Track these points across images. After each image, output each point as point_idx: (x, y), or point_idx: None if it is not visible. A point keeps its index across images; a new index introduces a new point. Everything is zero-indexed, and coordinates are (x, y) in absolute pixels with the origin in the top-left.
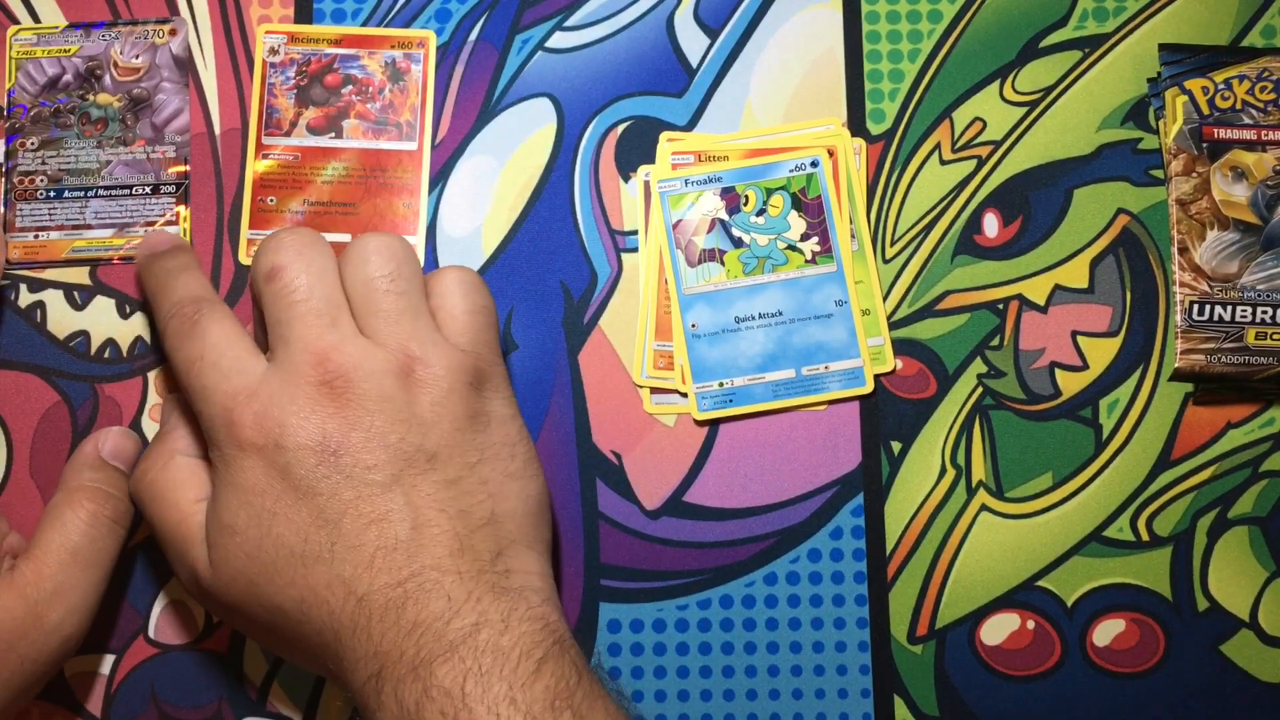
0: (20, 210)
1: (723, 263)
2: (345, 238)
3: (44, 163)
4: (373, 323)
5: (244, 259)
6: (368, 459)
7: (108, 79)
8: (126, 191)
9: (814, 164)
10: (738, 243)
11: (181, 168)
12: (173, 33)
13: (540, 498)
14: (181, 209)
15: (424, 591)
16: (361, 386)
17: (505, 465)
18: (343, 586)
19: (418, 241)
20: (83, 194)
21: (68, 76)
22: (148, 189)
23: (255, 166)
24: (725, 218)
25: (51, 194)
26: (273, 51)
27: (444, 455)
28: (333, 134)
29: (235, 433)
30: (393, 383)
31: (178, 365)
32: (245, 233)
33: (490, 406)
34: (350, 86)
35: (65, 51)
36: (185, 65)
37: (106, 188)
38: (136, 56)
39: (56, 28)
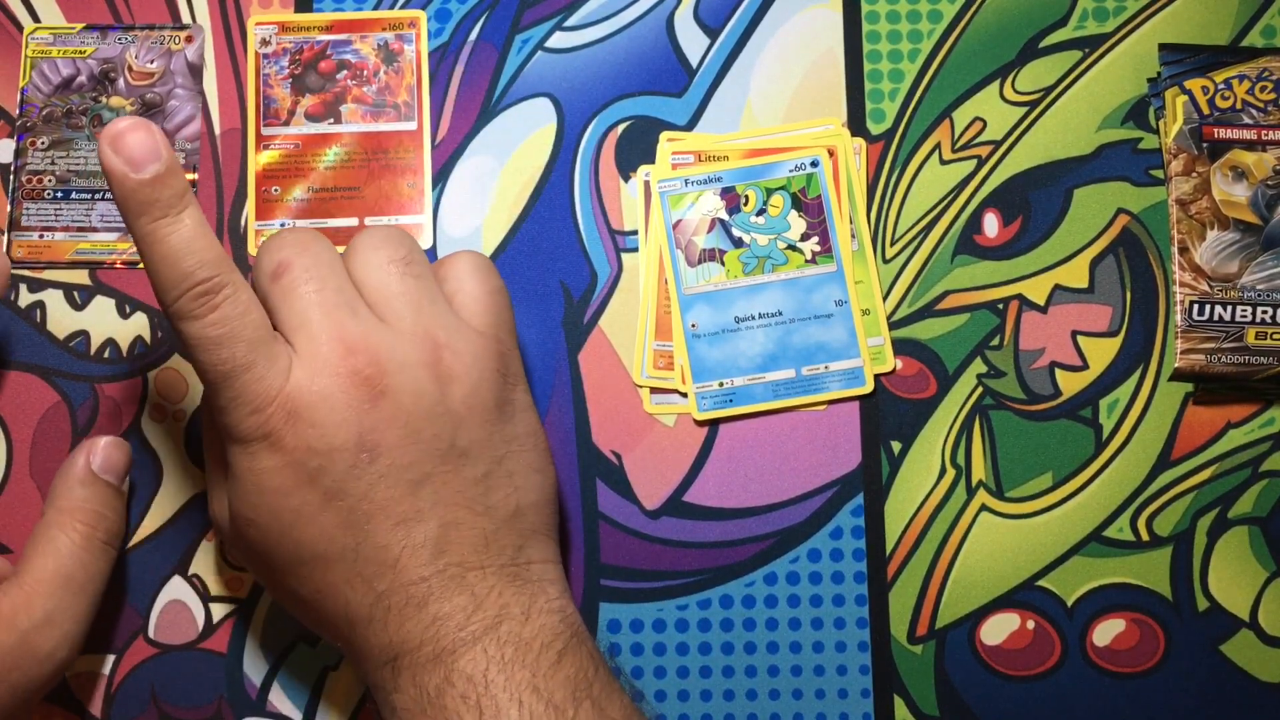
0: (26, 209)
1: (723, 263)
2: (352, 222)
3: (53, 163)
4: (392, 308)
5: (253, 250)
6: (403, 457)
7: (121, 82)
8: None
9: (814, 164)
10: (738, 243)
11: (190, 175)
12: (189, 39)
13: (555, 485)
14: None
15: (448, 588)
16: (396, 379)
17: (529, 457)
18: (364, 583)
19: (425, 220)
20: (90, 196)
21: (82, 78)
22: None
23: (257, 159)
24: (725, 218)
25: (59, 194)
26: (264, 43)
27: (475, 451)
28: (331, 120)
29: (265, 432)
30: (425, 374)
31: (197, 351)
32: (253, 224)
33: (514, 395)
34: (345, 71)
35: (81, 53)
36: (200, 72)
37: None
38: (151, 61)
39: (73, 28)
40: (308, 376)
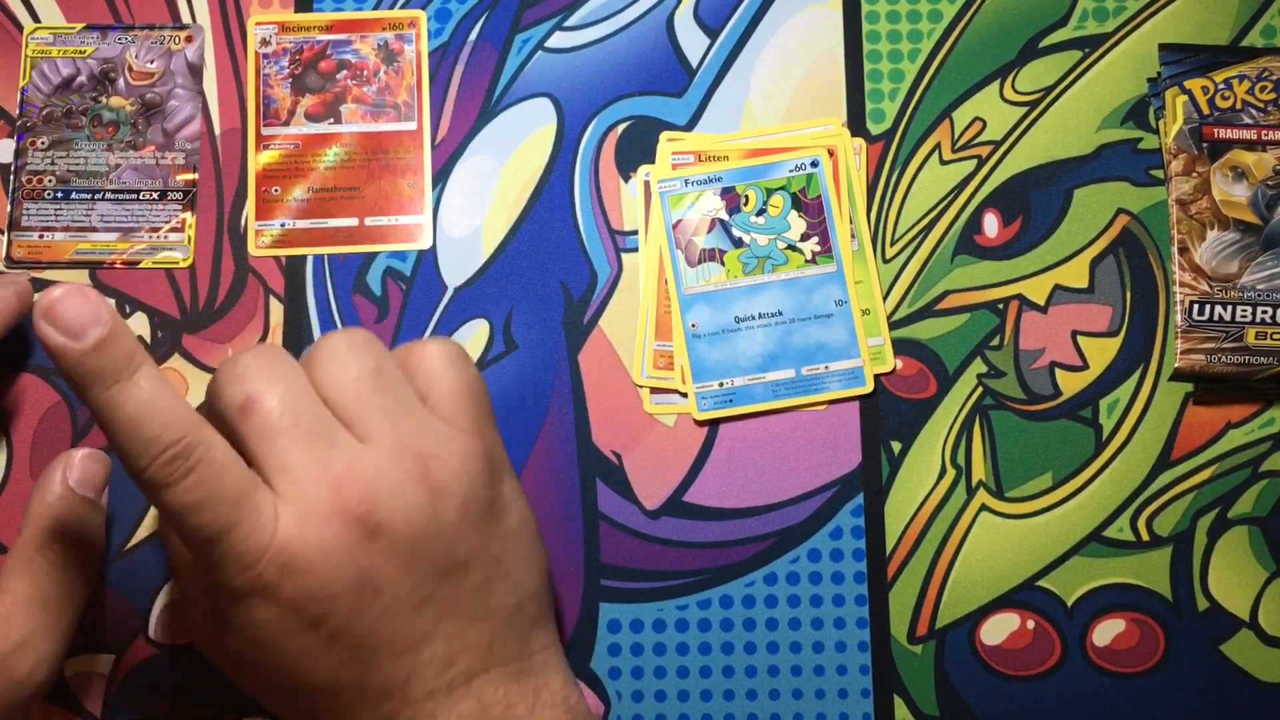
0: (27, 209)
1: (723, 263)
2: (352, 222)
3: (53, 163)
4: (372, 425)
5: (253, 250)
6: (404, 586)
7: (121, 82)
8: (134, 196)
9: (814, 164)
10: (738, 243)
11: (190, 175)
12: (189, 39)
13: (547, 567)
14: (188, 216)
15: (453, 697)
16: (389, 508)
17: (524, 551)
18: (369, 708)
19: (424, 220)
20: (90, 196)
21: (82, 78)
22: (155, 195)
23: (257, 159)
24: (725, 218)
25: (59, 194)
26: (264, 43)
27: (473, 560)
28: (331, 120)
29: (256, 582)
30: (415, 493)
31: (177, 519)
32: (253, 224)
33: (503, 489)
34: (345, 71)
35: (81, 53)
36: (200, 73)
37: (114, 191)
38: (151, 61)
39: (73, 28)
40: (298, 526)
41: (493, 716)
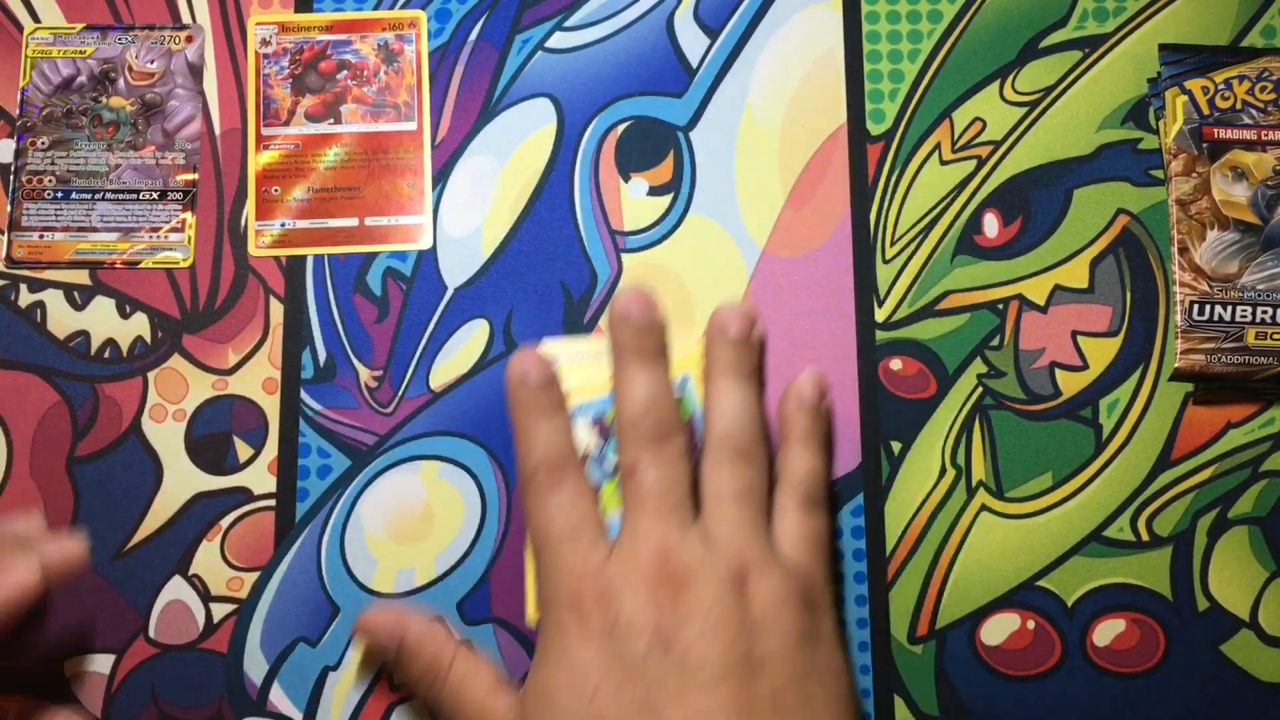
0: (27, 209)
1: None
2: (352, 222)
3: (53, 163)
4: (716, 527)
5: (253, 250)
6: (697, 654)
7: (122, 82)
8: (134, 196)
9: (682, 383)
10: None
11: (190, 175)
12: (189, 39)
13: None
14: (188, 216)
15: None
16: (697, 585)
17: (831, 689)
18: None
19: (425, 220)
20: (90, 196)
21: (82, 78)
22: (155, 195)
23: (257, 159)
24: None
25: (59, 195)
26: (265, 43)
27: (772, 664)
28: (331, 120)
29: (577, 607)
30: (726, 588)
31: (536, 518)
32: (253, 224)
33: (821, 627)
34: (345, 71)
35: (81, 53)
36: (200, 72)
37: (114, 191)
38: (152, 61)
39: (73, 28)
40: (621, 568)
41: None
